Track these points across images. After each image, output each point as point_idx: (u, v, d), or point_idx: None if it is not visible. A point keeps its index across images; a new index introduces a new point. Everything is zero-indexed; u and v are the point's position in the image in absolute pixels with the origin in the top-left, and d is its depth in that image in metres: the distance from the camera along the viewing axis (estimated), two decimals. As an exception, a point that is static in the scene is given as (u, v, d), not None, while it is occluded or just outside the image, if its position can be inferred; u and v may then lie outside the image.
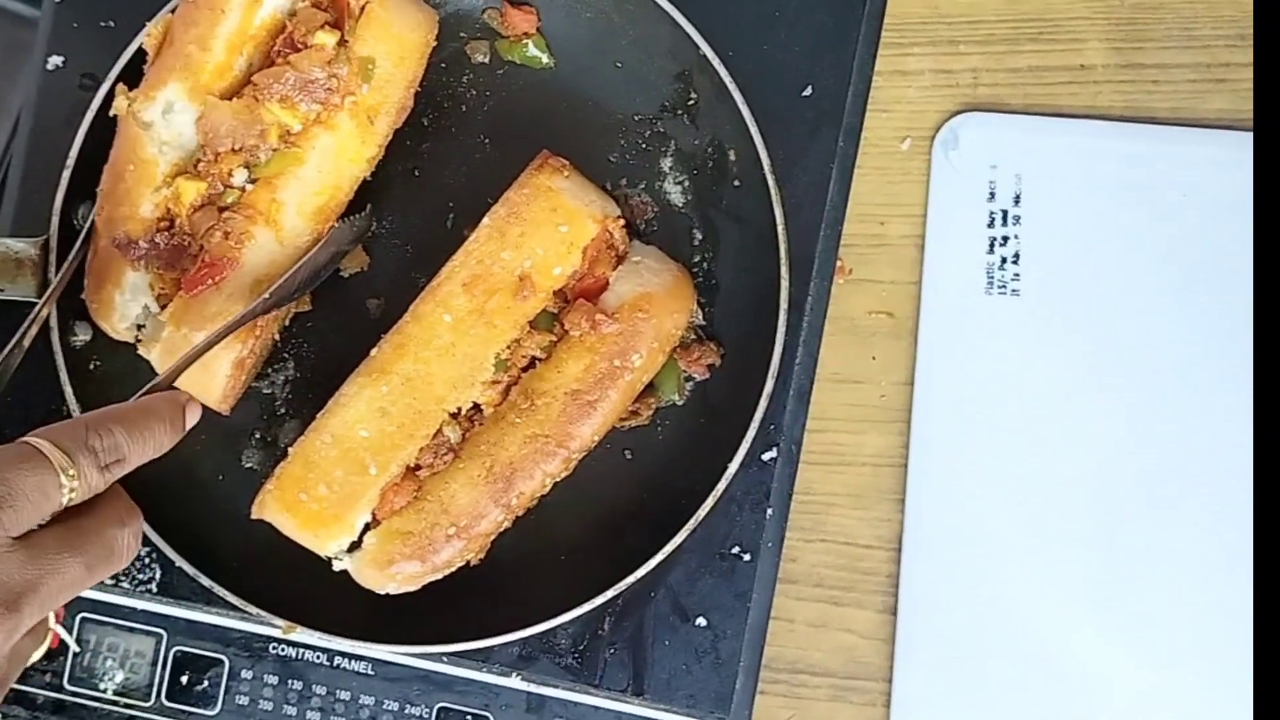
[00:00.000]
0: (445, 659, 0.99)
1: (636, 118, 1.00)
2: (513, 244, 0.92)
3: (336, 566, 0.93)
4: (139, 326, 0.94)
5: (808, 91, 1.00)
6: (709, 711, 0.99)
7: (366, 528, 0.92)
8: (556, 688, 0.99)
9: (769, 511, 0.99)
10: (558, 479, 0.93)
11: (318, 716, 1.00)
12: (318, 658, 1.00)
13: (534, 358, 0.93)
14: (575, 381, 0.92)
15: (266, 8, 0.92)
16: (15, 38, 1.04)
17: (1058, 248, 1.01)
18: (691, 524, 0.93)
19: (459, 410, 0.92)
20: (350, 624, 0.94)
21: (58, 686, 1.01)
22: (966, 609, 1.00)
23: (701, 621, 0.99)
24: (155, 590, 0.99)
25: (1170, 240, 1.00)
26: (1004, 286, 1.01)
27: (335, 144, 0.93)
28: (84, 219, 0.96)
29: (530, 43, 1.00)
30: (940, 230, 1.02)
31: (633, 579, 0.93)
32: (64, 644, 1.00)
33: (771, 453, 0.99)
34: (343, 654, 1.00)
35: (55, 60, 1.01)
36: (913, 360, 1.02)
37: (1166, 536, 0.99)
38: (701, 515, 0.93)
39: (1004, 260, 1.01)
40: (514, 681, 0.99)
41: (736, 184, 0.98)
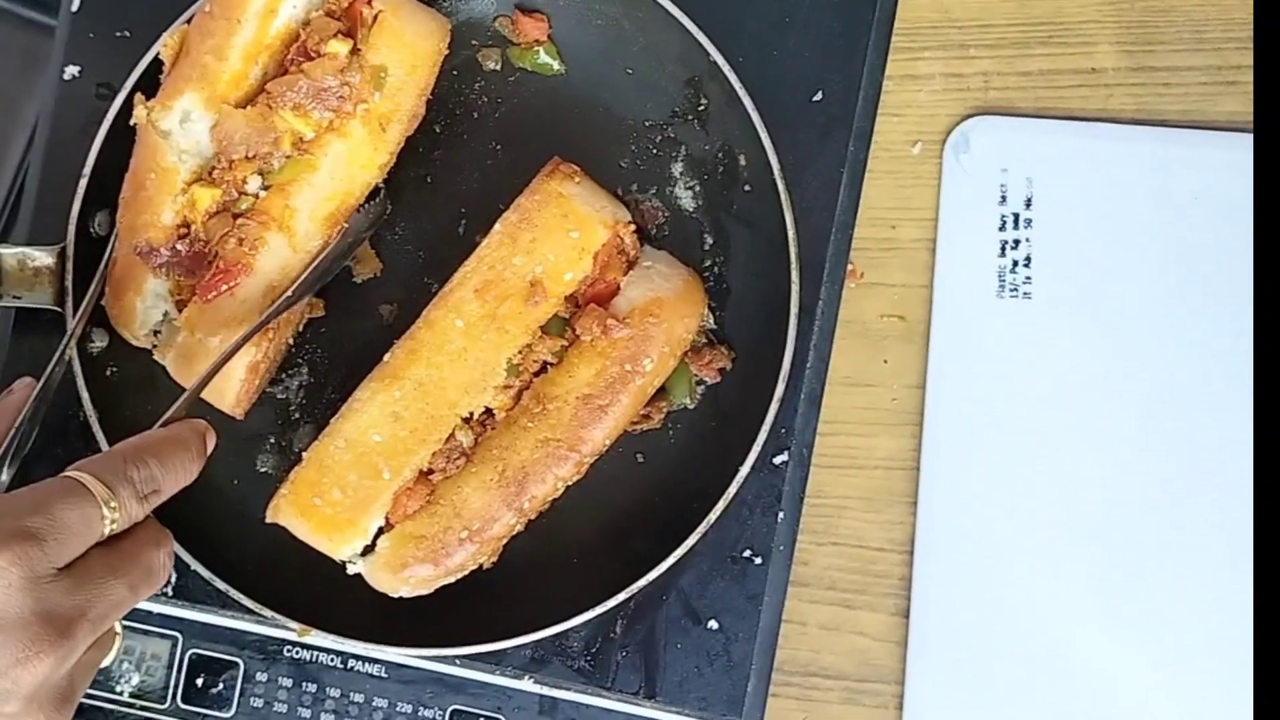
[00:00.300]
0: (458, 662, 0.99)
1: (647, 123, 1.00)
2: (524, 250, 0.93)
3: (350, 570, 0.93)
4: (156, 333, 0.95)
5: (818, 96, 1.00)
6: (721, 714, 0.99)
7: (380, 531, 0.93)
8: (569, 690, 1.00)
9: (780, 515, 0.99)
10: (569, 482, 0.94)
11: (332, 719, 1.00)
12: (332, 660, 1.01)
13: (545, 362, 0.93)
14: (587, 386, 0.92)
15: (281, 17, 0.93)
16: (32, 47, 1.05)
17: (1069, 251, 1.01)
18: (703, 527, 0.93)
19: (471, 415, 0.92)
20: (364, 627, 0.95)
21: (74, 689, 1.01)
22: (978, 611, 1.00)
23: (713, 624, 0.99)
24: (171, 593, 1.00)
25: (1181, 243, 1.00)
26: (1015, 290, 1.01)
27: (348, 151, 0.94)
28: (101, 227, 0.97)
29: (541, 50, 1.01)
30: (951, 234, 1.02)
31: (644, 582, 0.93)
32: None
33: (783, 456, 0.99)
34: (356, 656, 1.01)
35: (72, 70, 1.01)
36: (924, 363, 1.02)
37: (1177, 538, 0.99)
38: (713, 519, 0.94)
39: (1015, 263, 1.01)
40: (526, 684, 1.00)
41: (747, 189, 0.98)
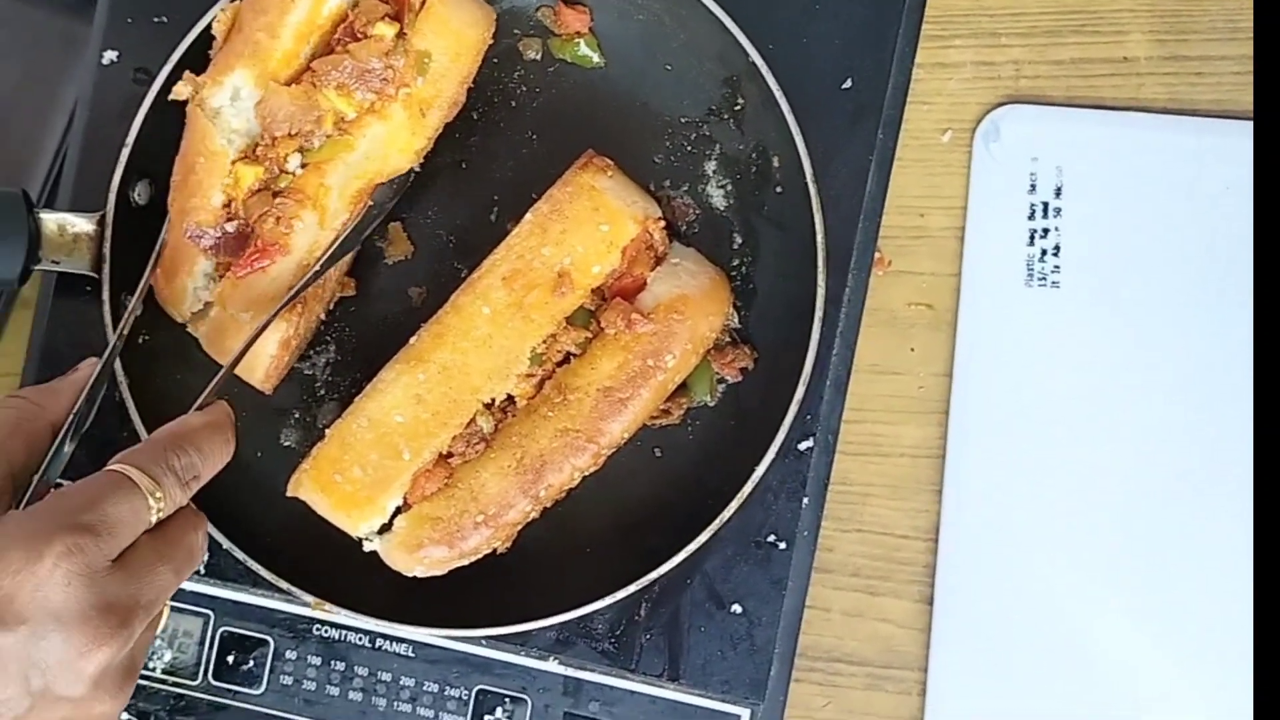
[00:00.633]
0: (484, 642, 1.00)
1: (683, 120, 1.01)
2: (554, 240, 0.93)
3: (366, 547, 0.94)
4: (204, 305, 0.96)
5: (848, 84, 1.00)
6: (744, 697, 0.99)
7: (397, 511, 0.94)
8: (593, 671, 1.01)
9: (805, 501, 0.99)
10: (586, 473, 0.94)
11: (360, 697, 1.01)
12: (360, 639, 1.02)
13: (569, 353, 0.94)
14: (608, 379, 0.92)
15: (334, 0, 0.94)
16: (70, 31, 1.06)
17: (1098, 240, 1.01)
18: (716, 524, 0.94)
19: (493, 401, 0.93)
20: (379, 605, 0.96)
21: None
22: (1002, 599, 1.00)
23: (737, 608, 0.99)
24: (203, 571, 1.01)
25: (1212, 234, 1.00)
26: (1044, 279, 1.01)
27: (386, 133, 0.95)
28: (140, 197, 0.97)
29: (582, 42, 1.01)
30: (980, 222, 1.02)
31: (655, 575, 0.94)
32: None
33: (808, 442, 0.99)
34: (384, 636, 1.02)
35: (110, 55, 1.02)
36: (952, 352, 1.02)
37: (1202, 529, 0.99)
38: (726, 516, 0.94)
39: (1044, 252, 1.01)
40: (551, 665, 1.01)
41: (779, 190, 0.98)
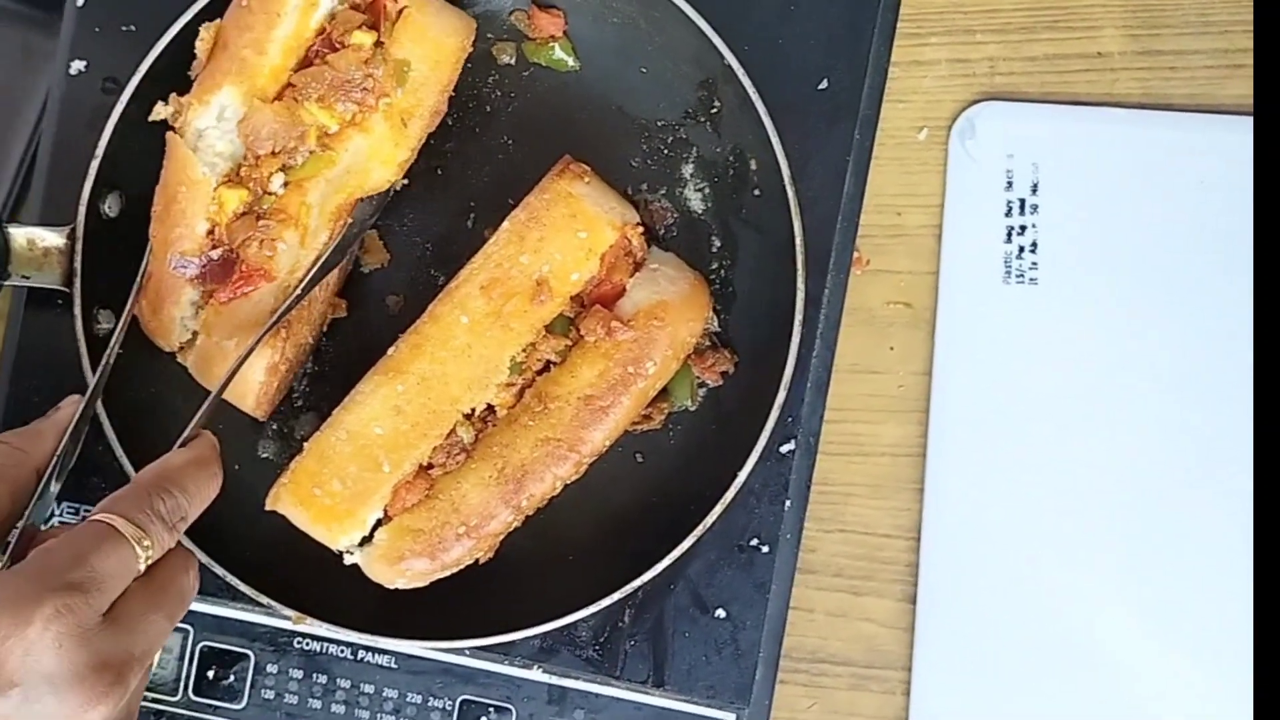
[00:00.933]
0: (467, 652, 1.00)
1: (659, 123, 1.00)
2: (531, 248, 0.93)
3: (347, 560, 0.94)
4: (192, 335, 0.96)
5: (823, 84, 1.00)
6: (729, 702, 0.99)
7: (378, 524, 0.93)
8: (578, 680, 1.00)
9: (787, 503, 0.99)
10: (568, 481, 0.94)
11: (342, 710, 1.01)
12: (342, 652, 1.01)
13: (549, 361, 0.94)
14: (589, 386, 0.92)
15: (321, 10, 0.93)
16: (31, 43, 1.05)
17: (1075, 236, 1.01)
18: (700, 530, 0.94)
19: (473, 411, 0.93)
20: (361, 617, 0.96)
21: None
22: (985, 597, 1.01)
23: (721, 613, 0.99)
24: (184, 589, 1.01)
25: (1188, 227, 1.00)
26: (1022, 275, 1.01)
27: (369, 146, 0.94)
28: (111, 209, 0.96)
29: (556, 45, 1.00)
30: (958, 220, 1.02)
31: (639, 582, 0.94)
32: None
33: (789, 445, 0.99)
34: (366, 648, 1.01)
35: (78, 65, 1.01)
36: (931, 350, 1.02)
37: (1183, 524, 0.99)
38: (709, 521, 0.94)
39: (1022, 249, 1.01)
40: (535, 674, 1.00)
41: (757, 193, 0.98)
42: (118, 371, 0.96)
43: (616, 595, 0.94)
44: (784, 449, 0.99)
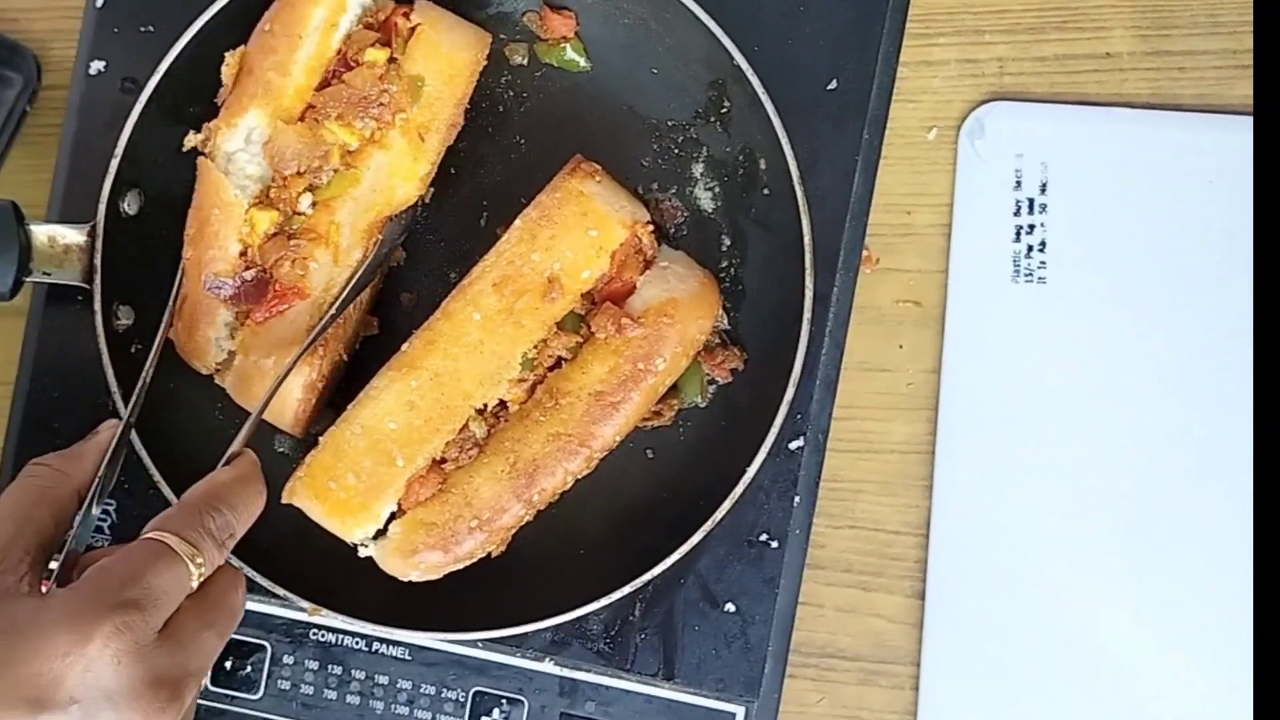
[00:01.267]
0: (480, 644, 1.01)
1: (670, 123, 1.01)
2: (543, 246, 0.93)
3: (361, 553, 0.95)
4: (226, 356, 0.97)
5: (833, 85, 1.00)
6: (739, 695, 1.00)
7: (392, 517, 0.94)
8: (589, 672, 1.01)
9: (796, 499, 1.00)
10: (579, 476, 0.95)
11: (357, 700, 1.02)
12: (357, 643, 1.02)
13: (560, 358, 0.94)
14: (599, 383, 0.93)
15: (341, 30, 0.94)
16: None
17: (1084, 236, 1.01)
18: (709, 524, 0.94)
19: (485, 407, 0.94)
20: (374, 609, 0.96)
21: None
22: (993, 593, 1.01)
23: (730, 607, 1.00)
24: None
25: (1197, 227, 1.00)
26: (1030, 275, 1.01)
27: (389, 162, 0.95)
28: (130, 206, 0.97)
29: (568, 46, 1.01)
30: (967, 219, 1.02)
31: (649, 576, 0.94)
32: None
33: (799, 441, 1.00)
34: (380, 639, 1.02)
35: (97, 65, 1.02)
36: (939, 348, 1.02)
37: (1190, 522, 0.99)
38: (719, 517, 0.94)
39: (1030, 248, 1.01)
40: (547, 666, 1.01)
41: (766, 192, 0.98)
42: (135, 367, 0.97)
43: (627, 589, 0.94)
44: (793, 445, 1.00)
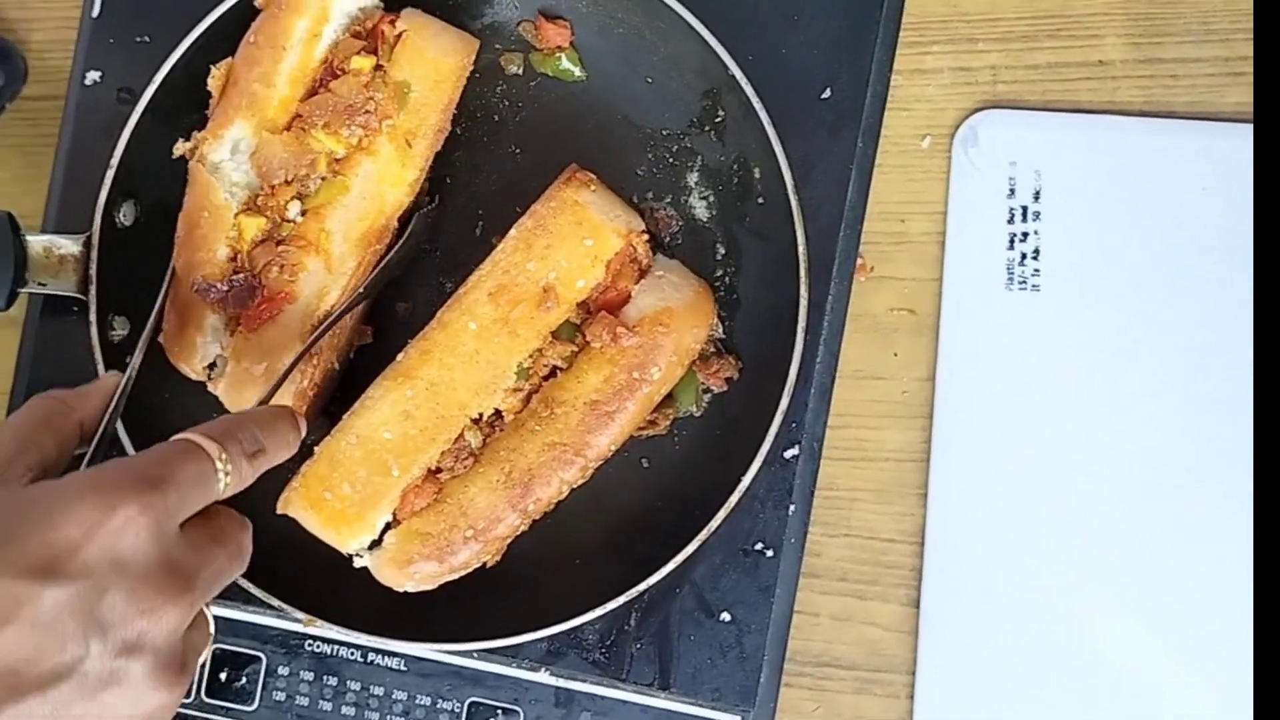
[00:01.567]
0: (475, 655, 1.01)
1: (665, 132, 1.01)
2: (538, 255, 0.94)
3: (357, 563, 0.95)
4: (211, 365, 0.96)
5: (826, 94, 1.00)
6: (734, 704, 1.00)
7: (387, 527, 0.94)
8: (584, 682, 1.01)
9: (791, 508, 1.00)
10: (574, 486, 0.95)
11: (352, 711, 1.02)
12: (352, 654, 1.02)
13: (555, 367, 0.94)
14: (595, 392, 0.93)
15: (325, 41, 0.95)
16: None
17: (1078, 243, 1.01)
18: (704, 534, 0.94)
19: (480, 416, 0.94)
20: (369, 620, 0.96)
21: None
22: (988, 601, 1.01)
23: (726, 617, 1.00)
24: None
25: (1190, 234, 1.00)
26: (1024, 282, 1.02)
27: (377, 169, 0.95)
28: (126, 217, 0.98)
29: (563, 56, 1.01)
30: (961, 227, 1.02)
31: (644, 586, 0.94)
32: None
33: (793, 450, 1.00)
34: (376, 650, 1.02)
35: (93, 75, 1.03)
36: (934, 356, 1.02)
37: (1186, 528, 0.99)
38: (714, 526, 0.94)
39: (1024, 256, 1.02)
40: (543, 676, 1.01)
41: (760, 201, 0.98)
42: (138, 383, 0.97)
43: (622, 599, 0.94)
44: (788, 454, 1.00)
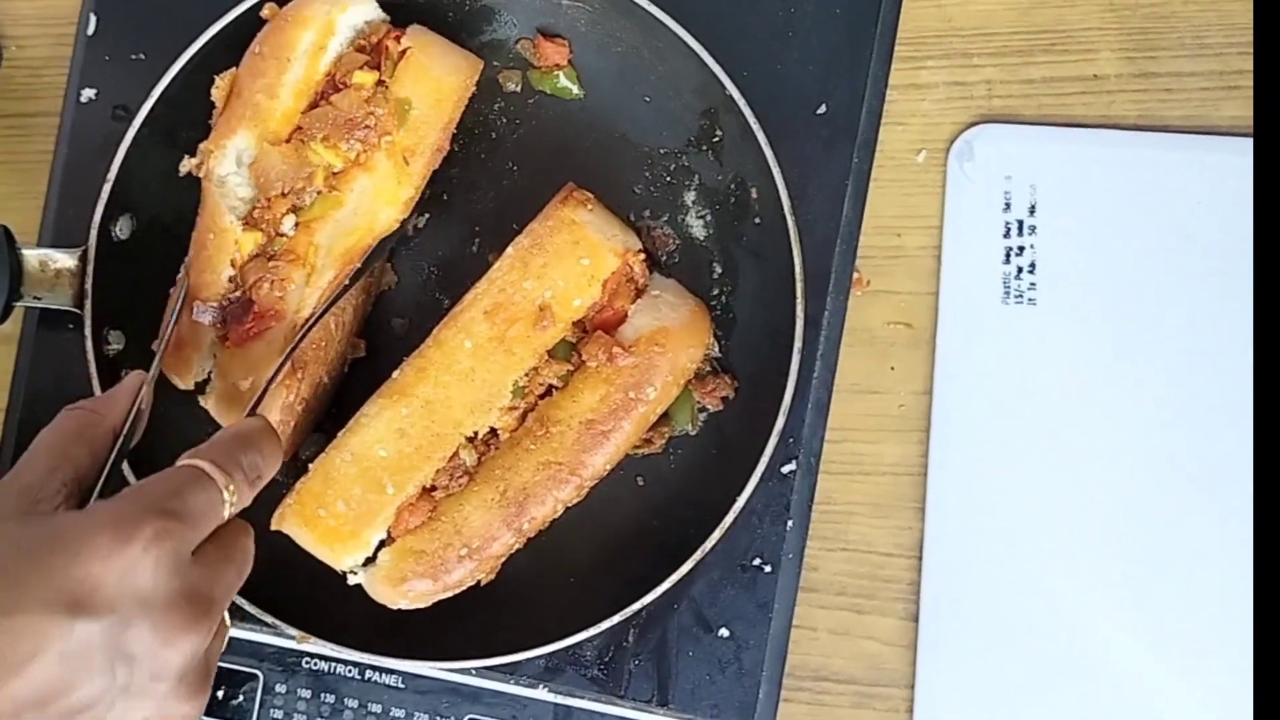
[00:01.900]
0: (473, 672, 1.01)
1: (662, 151, 1.01)
2: (535, 274, 0.94)
3: (351, 581, 0.95)
4: (205, 380, 0.97)
5: (822, 109, 1.01)
6: (733, 720, 1.00)
7: (381, 545, 0.94)
8: (583, 699, 1.01)
9: (789, 523, 1.00)
10: (569, 504, 0.95)
11: (350, 729, 1.02)
12: (349, 671, 1.02)
13: (551, 386, 0.94)
14: (590, 411, 0.93)
15: (330, 54, 0.95)
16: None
17: (1073, 257, 1.01)
18: (700, 553, 0.94)
19: (476, 434, 0.94)
20: (364, 637, 0.96)
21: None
22: (987, 615, 1.01)
23: (724, 632, 1.00)
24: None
25: (1185, 247, 1.00)
26: (1020, 296, 1.02)
27: (373, 185, 0.95)
28: (122, 231, 0.98)
29: (561, 74, 1.02)
30: (957, 241, 1.02)
31: (641, 604, 0.94)
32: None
33: (791, 465, 1.00)
34: (373, 668, 1.02)
35: (88, 93, 1.03)
36: (931, 370, 1.02)
37: (1185, 542, 0.99)
38: (711, 543, 0.94)
39: (1020, 270, 1.02)
40: (541, 693, 1.01)
41: (757, 221, 0.98)
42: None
43: (619, 616, 0.94)
44: (785, 469, 1.00)
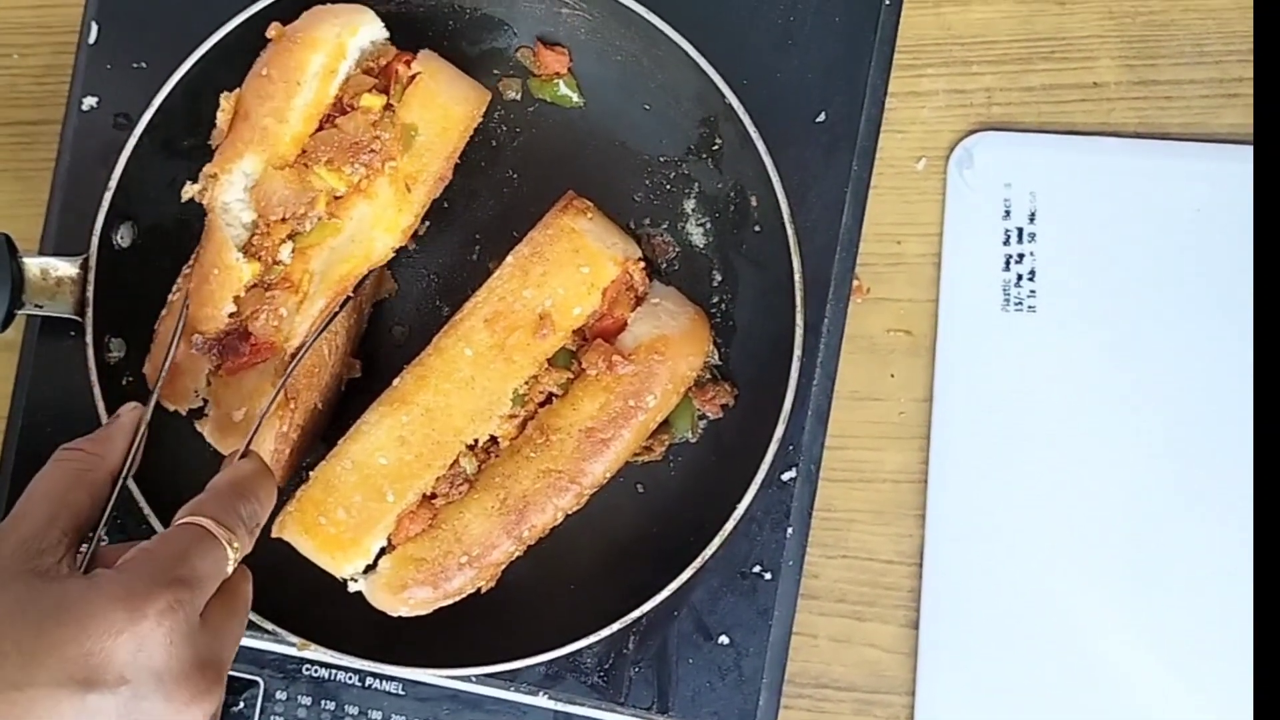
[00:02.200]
0: (474, 679, 1.01)
1: (662, 159, 1.01)
2: (535, 283, 0.94)
3: (352, 588, 0.95)
4: (204, 403, 0.97)
5: (821, 117, 1.01)
6: (733, 728, 1.00)
7: (382, 552, 0.94)
8: (583, 706, 1.01)
9: (789, 530, 1.00)
10: (570, 512, 0.94)
11: (350, 736, 1.02)
12: (350, 679, 1.02)
13: (551, 394, 0.94)
14: (590, 419, 0.93)
15: (340, 77, 0.93)
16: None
17: (1073, 264, 1.01)
18: (700, 560, 0.94)
19: (476, 442, 0.94)
20: (364, 644, 0.96)
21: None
22: (987, 622, 1.01)
23: (724, 639, 1.00)
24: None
25: (1184, 254, 1.01)
26: (1020, 303, 1.02)
27: (372, 212, 0.94)
28: (124, 239, 0.98)
29: (561, 82, 1.02)
30: (956, 248, 1.03)
31: (641, 611, 0.94)
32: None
33: (791, 473, 1.00)
34: (374, 675, 1.02)
35: (90, 101, 1.03)
36: (931, 377, 1.02)
37: (1186, 546, 0.99)
38: (710, 552, 0.94)
39: (1020, 277, 1.02)
40: (541, 700, 1.01)
41: (757, 229, 0.98)
42: (126, 400, 0.97)
43: (617, 625, 0.94)
44: (785, 477, 1.00)
